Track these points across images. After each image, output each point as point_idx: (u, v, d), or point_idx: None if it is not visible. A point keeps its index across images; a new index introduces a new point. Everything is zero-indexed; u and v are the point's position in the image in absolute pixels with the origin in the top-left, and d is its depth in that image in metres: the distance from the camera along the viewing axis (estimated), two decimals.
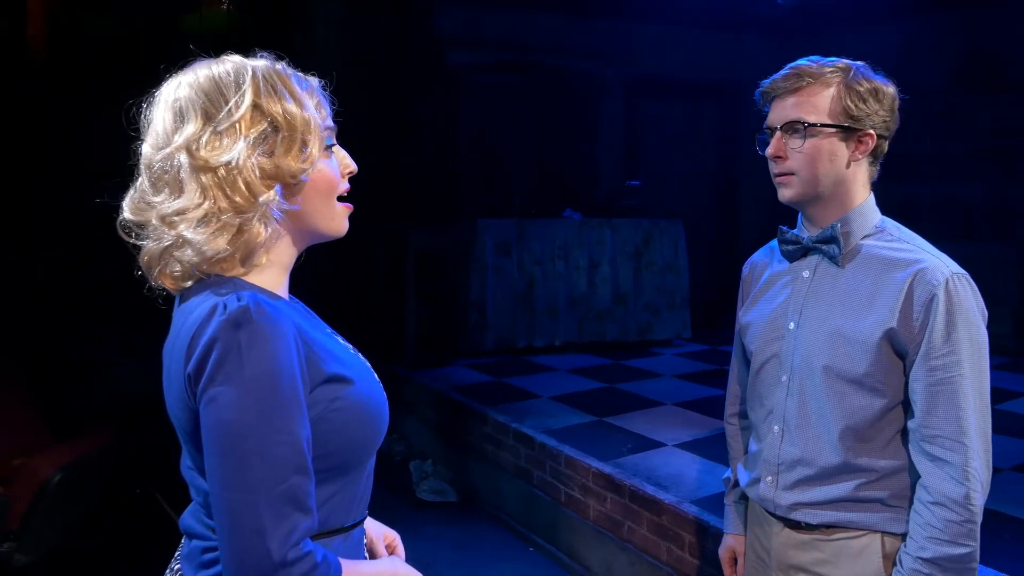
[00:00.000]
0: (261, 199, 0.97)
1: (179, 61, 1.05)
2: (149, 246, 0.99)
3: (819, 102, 1.39)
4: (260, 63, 1.02)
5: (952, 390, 1.32)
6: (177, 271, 0.99)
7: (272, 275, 1.05)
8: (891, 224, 1.47)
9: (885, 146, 1.46)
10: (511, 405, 4.52)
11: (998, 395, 4.79)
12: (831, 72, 1.40)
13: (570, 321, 6.10)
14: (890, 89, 1.43)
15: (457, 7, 6.28)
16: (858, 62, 1.44)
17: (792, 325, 1.47)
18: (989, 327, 1.40)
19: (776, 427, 1.50)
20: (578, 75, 6.83)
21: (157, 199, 0.97)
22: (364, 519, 1.12)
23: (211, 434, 0.90)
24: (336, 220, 1.08)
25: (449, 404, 4.72)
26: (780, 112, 1.43)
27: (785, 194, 1.46)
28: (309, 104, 1.02)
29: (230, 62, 1.01)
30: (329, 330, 1.14)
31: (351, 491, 1.06)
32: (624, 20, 6.54)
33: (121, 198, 1.03)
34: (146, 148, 1.00)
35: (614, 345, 6.15)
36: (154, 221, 0.97)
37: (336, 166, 1.07)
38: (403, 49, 5.90)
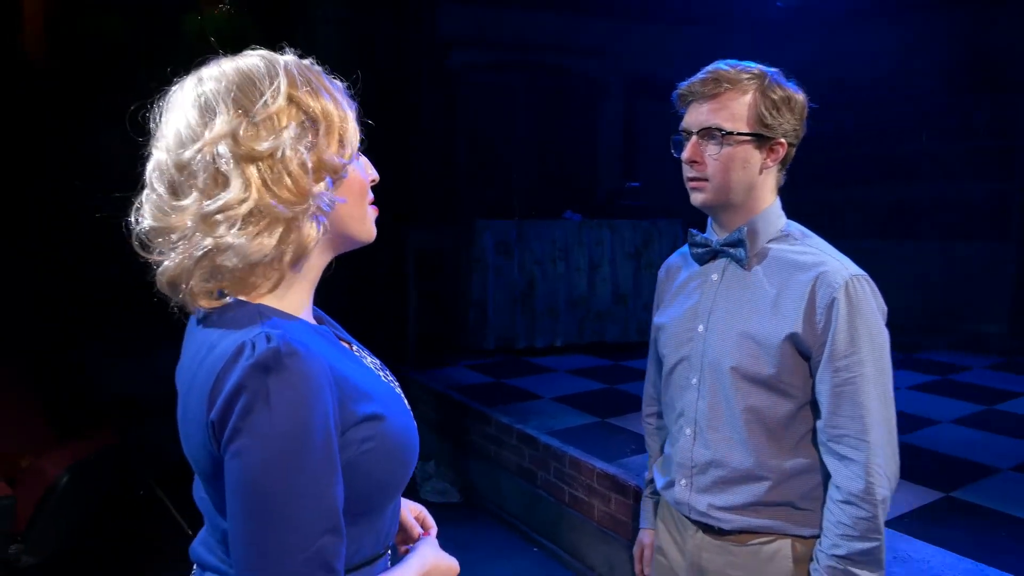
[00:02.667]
0: (314, 191, 0.90)
1: (181, 60, 0.98)
2: (175, 259, 0.88)
3: (736, 109, 1.40)
4: (289, 57, 0.95)
5: (855, 390, 1.34)
6: (208, 288, 0.90)
7: (299, 293, 0.97)
8: (796, 228, 1.49)
9: (793, 153, 1.48)
10: (512, 406, 4.53)
11: (995, 395, 4.83)
12: (748, 79, 1.40)
13: (570, 321, 6.12)
14: (800, 97, 1.44)
15: (457, 7, 6.29)
16: (772, 68, 1.44)
17: (701, 327, 1.49)
18: (987, 327, 1.43)
19: (688, 430, 1.52)
20: (578, 75, 6.85)
21: (185, 202, 0.87)
22: (391, 546, 1.07)
23: (236, 491, 0.82)
24: (368, 223, 1.02)
25: (451, 405, 4.73)
26: (697, 117, 1.44)
27: (697, 199, 1.48)
28: (342, 100, 0.96)
29: (256, 55, 0.94)
30: (356, 346, 1.09)
31: (378, 528, 1.00)
32: (624, 20, 6.56)
33: (128, 212, 0.94)
34: (160, 154, 0.90)
35: (614, 346, 6.17)
36: (189, 223, 0.87)
37: (364, 168, 1.02)
38: (403, 49, 5.90)
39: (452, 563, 1.14)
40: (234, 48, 1.00)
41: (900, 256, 7.11)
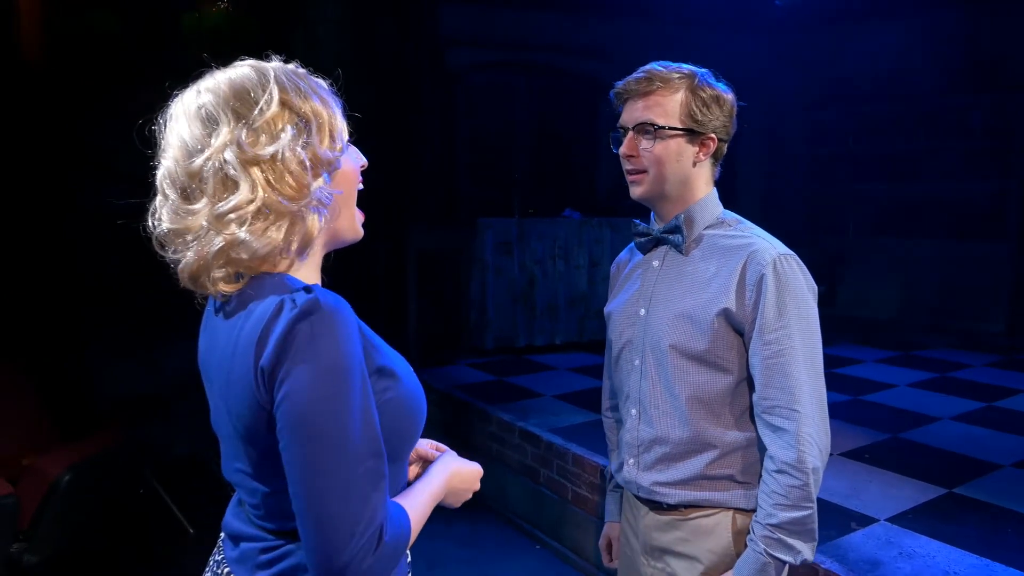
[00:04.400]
0: (313, 186, 0.99)
1: (178, 63, 1.05)
2: (193, 256, 0.97)
3: (668, 106, 1.48)
4: (276, 64, 1.04)
5: (784, 362, 1.41)
6: (228, 274, 0.98)
7: (310, 272, 1.06)
8: (731, 216, 1.58)
9: (725, 148, 1.56)
10: (514, 404, 4.53)
11: (995, 392, 4.85)
12: (679, 78, 1.49)
13: (570, 320, 6.12)
14: (729, 96, 1.53)
15: (458, 6, 6.29)
16: (702, 69, 1.53)
17: (643, 311, 1.58)
18: (984, 325, 1.46)
19: (634, 410, 1.60)
20: (578, 75, 6.85)
21: (197, 205, 0.96)
22: None
23: (292, 423, 0.89)
24: (356, 222, 1.10)
25: (453, 403, 4.73)
26: (632, 113, 1.52)
27: (636, 191, 1.56)
28: (328, 100, 1.04)
29: (246, 65, 1.02)
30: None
31: (396, 481, 1.08)
32: (624, 20, 6.56)
33: (144, 217, 1.02)
34: (168, 163, 0.99)
35: None
36: (203, 223, 0.95)
37: (355, 159, 1.09)
38: (403, 49, 5.89)
39: (474, 467, 1.25)
40: (234, 48, 1.06)
41: (898, 254, 7.14)
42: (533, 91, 6.87)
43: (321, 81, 1.07)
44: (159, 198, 1.01)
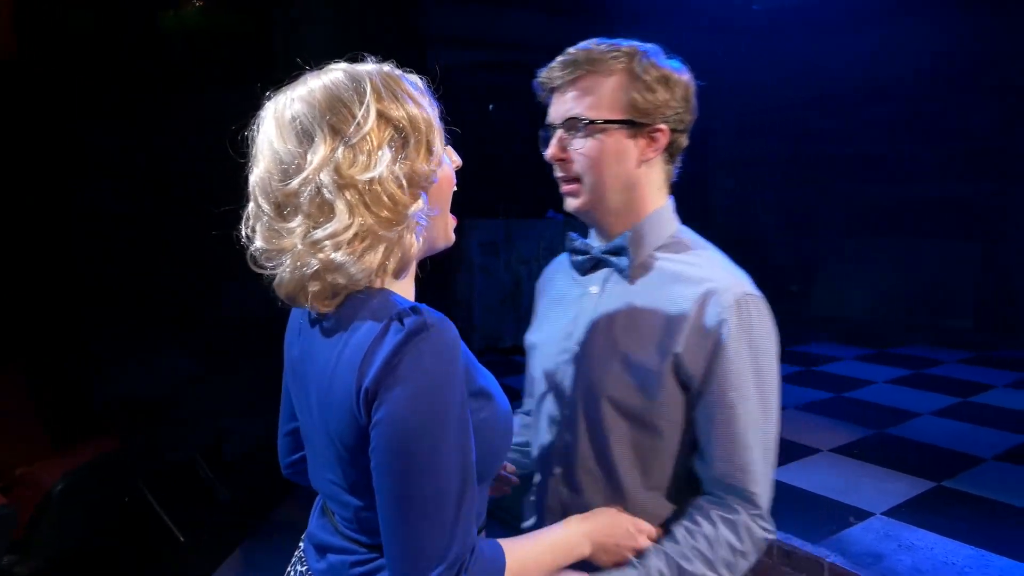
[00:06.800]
0: (411, 210, 0.94)
1: (161, 60, 0.97)
2: (290, 275, 0.93)
3: (602, 94, 1.20)
4: (370, 67, 0.97)
5: (741, 431, 1.15)
6: (325, 291, 0.94)
7: (406, 285, 1.02)
8: (688, 234, 1.28)
9: (683, 141, 1.26)
10: None
11: (969, 387, 5.00)
12: (613, 57, 1.19)
13: None
14: (684, 77, 1.23)
15: (444, 7, 6.27)
16: (648, 44, 1.23)
17: (576, 348, 1.27)
18: (954, 322, 1.26)
19: (557, 469, 1.30)
20: None
21: (291, 224, 0.92)
22: (483, 527, 1.10)
23: (386, 445, 0.88)
24: (450, 229, 1.05)
25: None
26: (559, 107, 1.24)
27: (571, 205, 1.26)
28: (424, 103, 0.98)
29: (339, 71, 0.95)
30: None
31: (481, 502, 1.05)
32: (611, 24, 6.59)
33: (237, 228, 0.98)
34: (262, 174, 0.94)
35: None
36: (300, 246, 0.91)
37: (449, 162, 1.03)
38: (389, 48, 5.84)
39: (626, 519, 1.18)
40: (215, 45, 0.97)
41: (871, 254, 7.32)
42: (520, 91, 6.86)
43: (416, 79, 1.01)
44: (252, 206, 0.96)
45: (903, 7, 6.14)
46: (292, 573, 1.13)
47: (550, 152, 1.24)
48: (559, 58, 1.23)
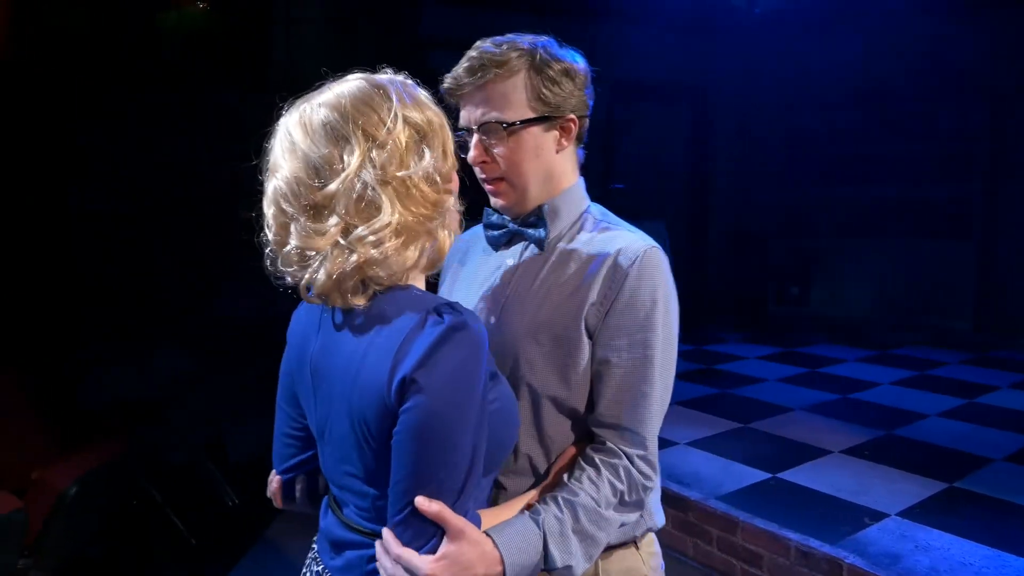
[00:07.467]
0: (446, 204, 1.01)
1: (159, 61, 1.00)
2: (326, 274, 0.96)
3: (511, 95, 1.23)
4: (388, 76, 1.04)
5: (639, 378, 1.18)
6: (359, 288, 0.98)
7: (420, 279, 1.07)
8: (598, 209, 1.36)
9: (587, 123, 1.31)
10: None
11: (973, 389, 5.03)
12: (516, 57, 1.23)
13: None
14: (579, 65, 1.29)
15: (440, 8, 6.28)
16: (543, 38, 1.29)
17: (493, 320, 1.29)
18: (953, 323, 1.29)
19: None
20: None
21: (325, 224, 0.95)
22: None
23: (413, 424, 0.93)
24: (457, 222, 1.10)
25: None
26: (472, 111, 1.27)
27: (499, 203, 1.31)
28: (437, 108, 1.05)
29: (360, 79, 1.02)
30: None
31: (484, 492, 1.10)
32: (607, 25, 6.62)
33: (262, 235, 1.02)
34: (288, 178, 0.97)
35: None
36: (341, 241, 0.95)
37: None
38: (385, 50, 5.85)
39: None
40: (215, 47, 1.00)
41: (869, 254, 7.35)
42: None
43: (425, 91, 1.07)
44: (273, 211, 0.99)
45: (903, 8, 6.18)
46: (308, 574, 1.15)
47: (472, 157, 1.27)
48: (463, 63, 1.25)
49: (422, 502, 0.93)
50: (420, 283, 1.07)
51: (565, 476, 1.18)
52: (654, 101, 7.63)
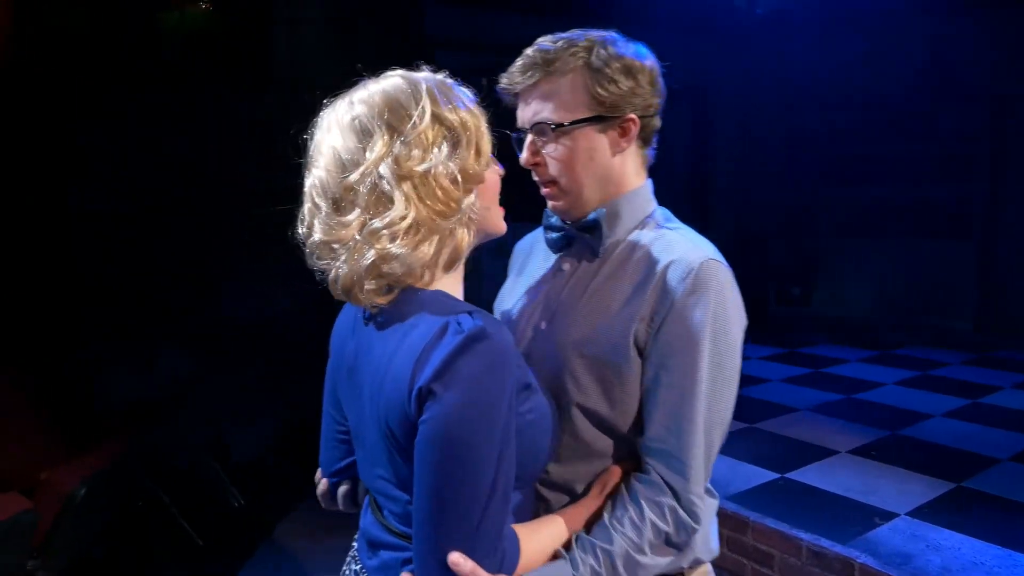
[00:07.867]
0: (464, 203, 1.00)
1: (159, 61, 1.02)
2: (346, 268, 0.97)
3: (564, 94, 1.18)
4: (426, 75, 1.04)
5: (684, 401, 1.10)
6: (379, 286, 0.98)
7: (455, 282, 1.06)
8: (662, 213, 1.28)
9: (656, 123, 1.25)
10: None
11: (977, 389, 5.03)
12: (572, 54, 1.18)
13: None
14: (647, 62, 1.22)
15: (444, 9, 6.27)
16: (606, 33, 1.23)
17: (544, 325, 1.24)
18: (954, 323, 1.21)
19: None
20: None
21: (348, 217, 0.96)
22: None
23: (430, 439, 0.90)
24: (500, 219, 1.11)
25: None
26: (526, 111, 1.23)
27: (555, 206, 1.26)
28: (476, 110, 1.05)
29: (397, 76, 1.02)
30: None
31: (527, 501, 1.09)
32: (611, 27, 6.61)
33: (293, 227, 1.03)
34: (320, 173, 0.99)
35: None
36: (357, 237, 0.95)
37: (494, 170, 1.10)
38: (389, 51, 5.85)
39: None
40: (217, 48, 1.01)
41: (870, 255, 7.37)
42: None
43: (467, 91, 1.07)
44: (308, 206, 1.01)
45: (903, 8, 6.19)
46: (347, 572, 1.16)
47: (524, 158, 1.24)
48: (518, 61, 1.22)
49: (457, 559, 0.90)
50: (449, 286, 1.04)
51: (607, 513, 1.11)
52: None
